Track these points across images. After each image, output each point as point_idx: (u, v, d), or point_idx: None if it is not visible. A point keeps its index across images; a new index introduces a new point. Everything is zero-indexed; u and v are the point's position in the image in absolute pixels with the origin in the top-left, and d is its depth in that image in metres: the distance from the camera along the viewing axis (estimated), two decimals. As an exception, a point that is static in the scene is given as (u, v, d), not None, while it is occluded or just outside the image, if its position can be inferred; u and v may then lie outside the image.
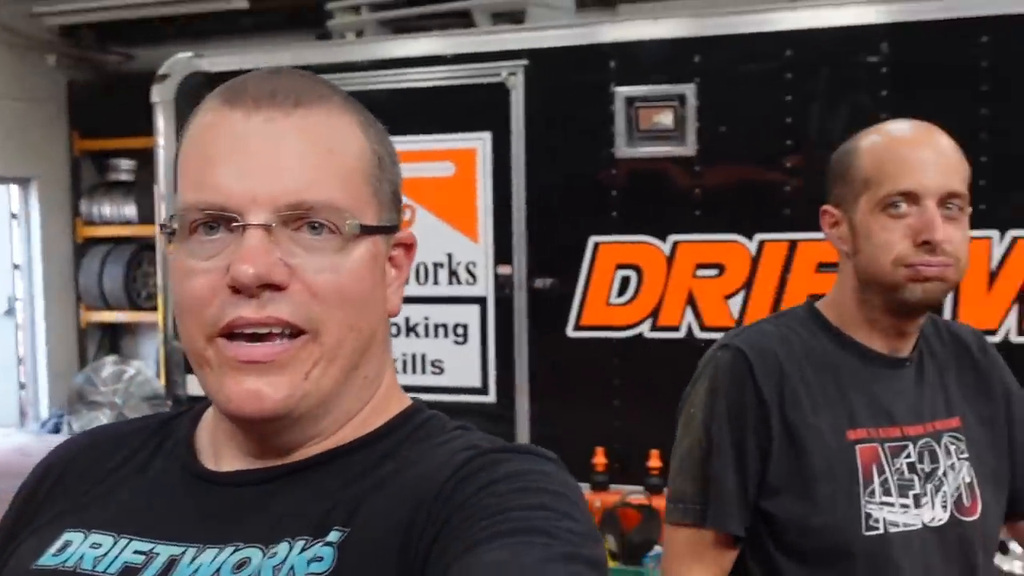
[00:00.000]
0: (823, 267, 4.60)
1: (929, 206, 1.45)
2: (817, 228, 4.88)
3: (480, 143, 4.92)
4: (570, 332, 4.92)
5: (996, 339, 4.27)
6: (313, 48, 5.89)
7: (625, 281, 4.84)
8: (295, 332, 0.86)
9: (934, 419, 1.52)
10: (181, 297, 0.88)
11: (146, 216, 7.87)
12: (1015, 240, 4.33)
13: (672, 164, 4.78)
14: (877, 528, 1.45)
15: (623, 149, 4.79)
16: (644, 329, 4.83)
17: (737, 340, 1.58)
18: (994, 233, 4.34)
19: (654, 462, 4.78)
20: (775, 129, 4.65)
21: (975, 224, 4.80)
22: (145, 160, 7.47)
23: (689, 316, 4.77)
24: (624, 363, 4.87)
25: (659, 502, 4.68)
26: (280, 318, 0.85)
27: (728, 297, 4.72)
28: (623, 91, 4.76)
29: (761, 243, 4.67)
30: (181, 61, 5.22)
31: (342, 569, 0.82)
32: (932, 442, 1.50)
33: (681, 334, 4.79)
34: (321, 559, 0.83)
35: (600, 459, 4.80)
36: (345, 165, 0.89)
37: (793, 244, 4.63)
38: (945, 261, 1.45)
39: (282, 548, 0.84)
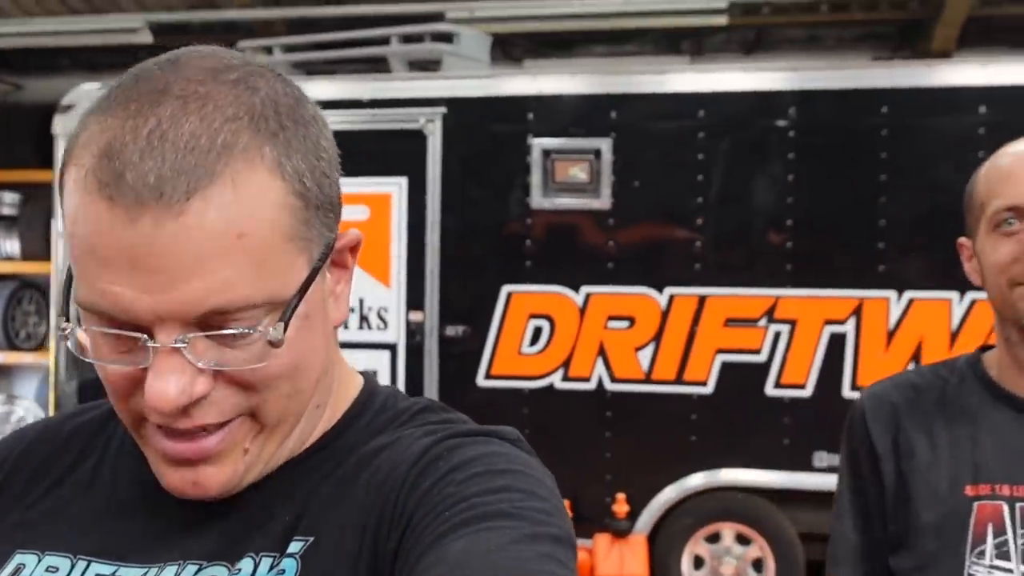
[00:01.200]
0: (731, 322, 4.72)
1: None
2: (726, 283, 5.01)
3: (396, 188, 4.90)
4: (481, 381, 4.90)
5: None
6: (222, 86, 5.78)
7: (537, 331, 4.86)
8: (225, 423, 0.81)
9: None
10: (103, 375, 0.81)
11: (30, 252, 7.53)
12: (911, 301, 4.53)
13: (586, 217, 4.85)
14: None
15: (538, 200, 4.85)
16: (555, 379, 4.85)
17: (867, 388, 1.50)
18: (891, 294, 4.53)
19: (563, 513, 4.77)
20: (687, 186, 4.77)
21: (876, 285, 4.93)
22: (30, 194, 7.18)
23: (600, 367, 4.82)
24: (535, 413, 4.87)
25: (568, 553, 4.66)
26: (207, 424, 0.79)
27: (638, 349, 4.79)
28: (540, 143, 4.82)
29: (671, 297, 4.76)
30: (86, 92, 5.05)
31: None
32: None
33: (592, 385, 4.83)
34: (284, 572, 0.80)
35: (509, 509, 4.76)
36: (259, 244, 0.75)
37: (702, 299, 4.73)
38: None
39: (246, 564, 0.81)
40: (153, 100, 0.74)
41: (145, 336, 0.75)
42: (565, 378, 4.84)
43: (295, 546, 0.81)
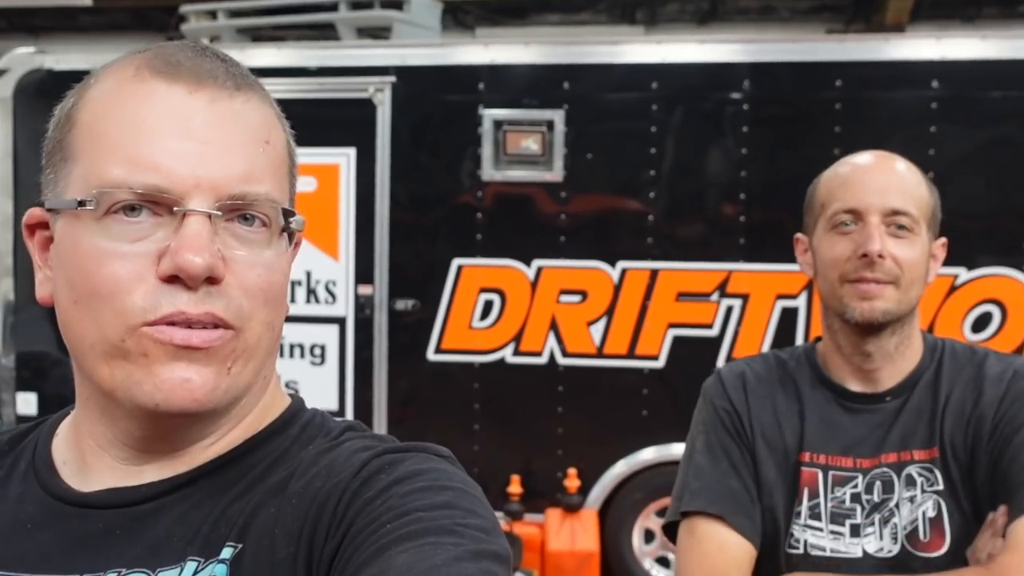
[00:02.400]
0: (683, 296, 4.70)
1: (871, 221, 1.48)
2: (678, 257, 5.00)
3: (344, 159, 4.80)
4: (431, 355, 4.84)
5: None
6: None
7: (488, 305, 4.80)
8: (222, 327, 0.81)
9: (903, 450, 1.50)
10: (92, 283, 0.79)
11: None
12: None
13: (538, 189, 4.78)
14: (797, 548, 1.49)
15: (489, 172, 4.77)
16: (506, 354, 4.80)
17: (722, 366, 1.68)
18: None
19: (515, 488, 4.74)
20: (640, 159, 4.73)
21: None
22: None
23: (552, 342, 4.77)
24: (485, 387, 4.83)
25: (520, 528, 4.65)
26: (216, 315, 0.80)
27: (591, 323, 4.75)
28: (491, 113, 4.74)
29: (624, 271, 4.72)
30: (22, 56, 4.87)
31: None
32: (891, 473, 1.49)
33: (543, 360, 4.78)
34: None
35: (460, 485, 4.73)
36: (277, 158, 0.86)
37: (655, 273, 4.70)
38: (880, 278, 1.47)
39: (172, 572, 0.80)
40: (180, 45, 0.85)
41: (179, 201, 0.79)
42: (516, 352, 4.80)
43: (226, 552, 0.80)
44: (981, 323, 4.52)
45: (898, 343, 1.52)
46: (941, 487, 1.47)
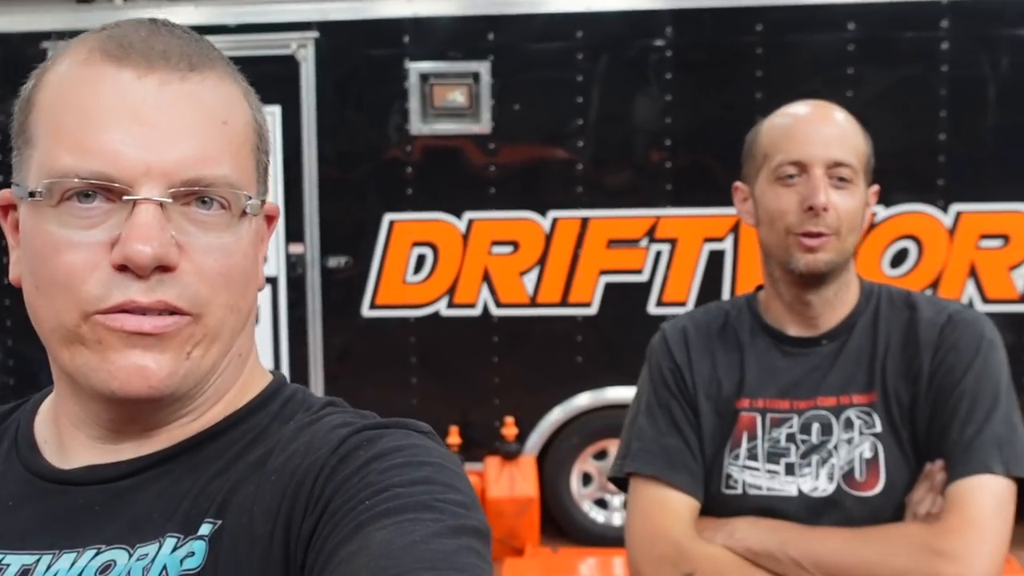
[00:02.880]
0: (614, 243, 4.76)
1: (816, 174, 1.50)
2: (607, 205, 5.06)
3: (268, 118, 4.72)
4: (366, 311, 4.85)
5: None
6: (77, 12, 5.47)
7: (421, 259, 4.82)
8: (177, 313, 0.81)
9: (842, 394, 1.54)
10: (50, 271, 0.79)
11: None
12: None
13: (467, 141, 4.79)
14: (735, 488, 1.54)
15: (417, 126, 4.76)
16: (441, 307, 4.83)
17: (666, 321, 1.70)
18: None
19: (453, 438, 4.80)
20: (567, 108, 4.75)
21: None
22: None
23: (485, 293, 4.81)
24: (421, 341, 4.86)
25: (460, 478, 4.70)
26: (168, 302, 0.79)
27: (523, 273, 4.79)
28: (417, 67, 4.72)
29: (554, 220, 4.76)
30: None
31: (216, 563, 0.78)
32: (829, 416, 1.53)
33: (477, 311, 4.82)
34: (193, 554, 0.78)
35: (399, 438, 4.77)
36: (237, 138, 0.83)
37: (585, 221, 4.75)
38: (824, 231, 1.50)
39: (151, 548, 0.79)
40: (136, 23, 0.83)
41: (129, 189, 0.78)
42: (451, 305, 4.83)
43: (205, 529, 0.80)
44: (899, 259, 4.67)
45: (837, 289, 1.56)
46: (879, 430, 1.51)
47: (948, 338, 1.51)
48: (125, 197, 0.77)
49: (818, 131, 1.54)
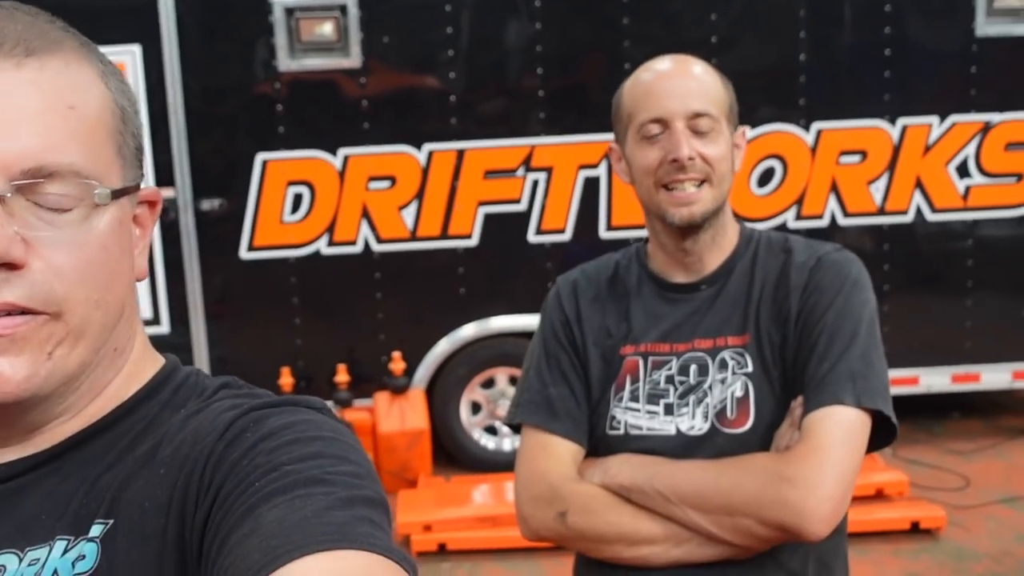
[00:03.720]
0: (490, 174, 4.79)
1: (677, 127, 1.55)
2: (482, 136, 5.05)
3: (129, 57, 4.57)
4: (244, 254, 4.78)
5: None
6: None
7: (298, 198, 4.76)
8: (29, 313, 0.77)
9: (718, 336, 1.60)
10: None
11: None
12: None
13: (337, 76, 4.71)
14: (618, 429, 1.60)
15: (285, 62, 4.66)
16: (321, 246, 4.79)
17: (559, 278, 1.76)
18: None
19: (342, 376, 4.81)
20: (437, 39, 4.71)
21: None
22: None
23: (365, 230, 4.79)
24: (303, 281, 4.82)
25: (351, 415, 4.73)
26: (15, 303, 0.75)
27: (402, 208, 4.78)
28: (282, 1, 4.60)
29: (430, 153, 4.75)
30: None
31: (108, 564, 0.76)
32: (706, 357, 1.60)
33: (358, 248, 4.80)
34: (84, 557, 0.77)
35: (287, 379, 4.75)
36: (87, 122, 0.79)
37: (461, 153, 4.76)
38: (694, 176, 1.56)
39: (41, 552, 0.78)
40: None
41: None
42: (331, 243, 4.79)
43: (95, 529, 0.78)
44: (765, 178, 4.83)
45: (714, 234, 1.63)
46: (751, 369, 1.57)
47: (814, 279, 1.57)
48: None
49: (675, 86, 1.58)
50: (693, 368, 1.59)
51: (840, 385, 1.48)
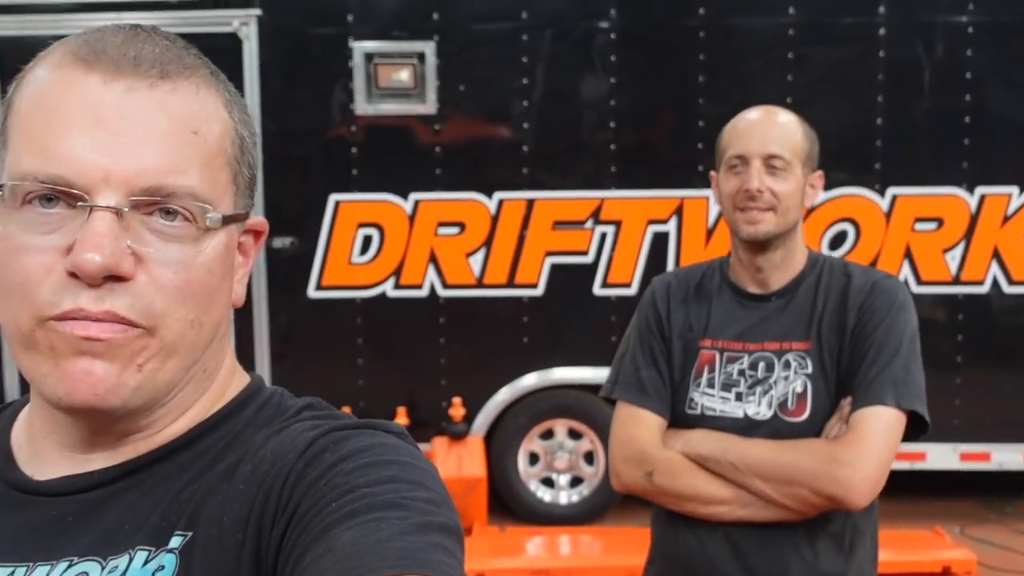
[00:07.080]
0: (559, 224, 4.80)
1: (754, 164, 1.90)
2: (552, 186, 5.10)
3: (212, 96, 4.68)
4: (312, 292, 4.83)
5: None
6: None
7: (367, 240, 4.81)
8: (127, 324, 0.79)
9: (784, 340, 1.92)
10: (9, 274, 0.79)
11: None
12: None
13: (412, 122, 4.78)
14: (695, 409, 1.94)
15: (362, 106, 4.74)
16: (387, 288, 4.83)
17: (655, 278, 2.10)
18: (710, 193, 4.68)
19: (401, 419, 4.81)
20: (512, 89, 4.76)
21: (696, 184, 5.11)
22: None
23: (432, 274, 4.82)
24: (368, 322, 4.85)
25: (407, 459, 4.72)
26: (116, 313, 0.77)
27: (469, 254, 4.81)
28: (361, 46, 4.69)
29: (500, 201, 4.78)
30: None
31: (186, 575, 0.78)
32: (773, 357, 1.92)
33: (424, 292, 4.83)
34: (163, 567, 0.78)
35: (346, 419, 4.77)
36: (208, 148, 0.81)
37: (531, 202, 4.78)
38: (760, 206, 1.89)
39: (122, 560, 0.79)
40: (116, 28, 0.82)
41: (85, 195, 0.76)
42: (397, 286, 4.83)
43: (175, 541, 0.79)
44: (837, 241, 4.76)
45: (783, 255, 1.95)
46: (811, 371, 1.89)
47: (868, 300, 1.89)
48: (79, 203, 0.76)
49: (759, 130, 1.92)
50: (762, 365, 1.92)
51: (884, 389, 1.80)
